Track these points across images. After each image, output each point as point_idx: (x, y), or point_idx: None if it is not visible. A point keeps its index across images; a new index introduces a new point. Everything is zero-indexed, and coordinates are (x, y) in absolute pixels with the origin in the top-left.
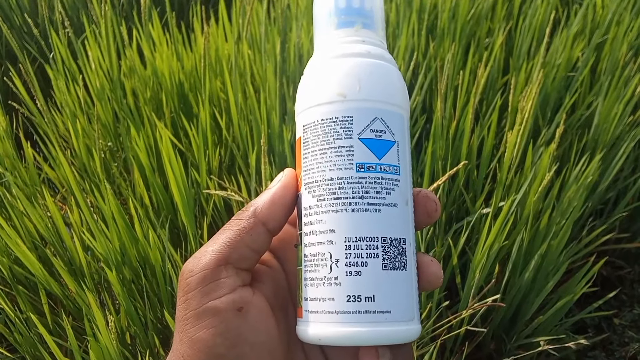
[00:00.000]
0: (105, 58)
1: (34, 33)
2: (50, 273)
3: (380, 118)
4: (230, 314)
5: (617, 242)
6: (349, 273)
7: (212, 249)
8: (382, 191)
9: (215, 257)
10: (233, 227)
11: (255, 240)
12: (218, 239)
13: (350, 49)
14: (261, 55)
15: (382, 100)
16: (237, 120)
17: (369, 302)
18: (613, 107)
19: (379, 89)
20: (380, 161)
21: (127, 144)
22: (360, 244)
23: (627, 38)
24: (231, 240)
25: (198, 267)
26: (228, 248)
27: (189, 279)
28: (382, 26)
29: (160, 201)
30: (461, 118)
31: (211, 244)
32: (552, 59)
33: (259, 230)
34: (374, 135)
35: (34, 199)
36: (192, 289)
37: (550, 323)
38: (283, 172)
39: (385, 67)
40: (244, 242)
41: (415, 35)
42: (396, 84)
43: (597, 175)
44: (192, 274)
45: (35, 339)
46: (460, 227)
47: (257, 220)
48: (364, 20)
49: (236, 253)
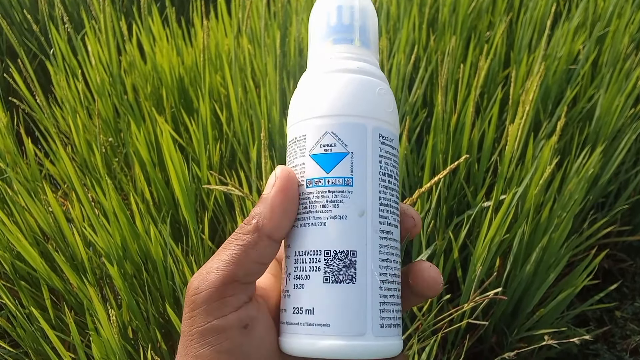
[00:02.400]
0: (105, 53)
1: (34, 29)
2: (52, 268)
3: (331, 132)
4: (235, 332)
5: (618, 234)
6: (295, 286)
7: (217, 266)
8: (329, 204)
9: (221, 275)
10: (237, 242)
11: (261, 254)
12: (223, 255)
13: (320, 66)
14: (261, 50)
15: (336, 114)
16: (238, 114)
17: (308, 314)
18: (614, 100)
19: (333, 102)
20: (329, 174)
21: (128, 139)
22: (305, 258)
23: (629, 30)
24: (237, 255)
25: (204, 285)
26: (234, 265)
27: (195, 297)
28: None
29: (161, 196)
30: (462, 111)
31: (216, 260)
32: (553, 52)
33: (264, 244)
34: (323, 150)
35: (35, 195)
36: (198, 307)
37: (551, 316)
38: (275, 173)
39: (347, 79)
40: (250, 257)
41: (416, 28)
42: (360, 94)
43: (598, 168)
44: (198, 291)
45: (38, 334)
46: (461, 220)
47: (261, 234)
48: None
49: (242, 270)
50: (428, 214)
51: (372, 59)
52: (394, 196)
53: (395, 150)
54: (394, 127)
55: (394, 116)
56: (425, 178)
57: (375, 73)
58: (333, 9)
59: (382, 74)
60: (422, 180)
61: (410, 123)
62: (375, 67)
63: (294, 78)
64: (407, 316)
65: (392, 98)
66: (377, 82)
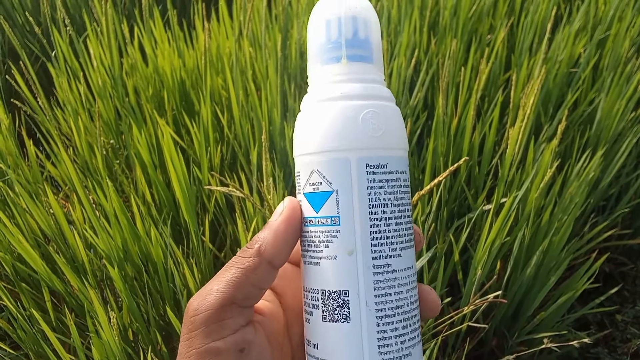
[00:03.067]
0: (106, 56)
1: (36, 31)
2: (53, 270)
3: (317, 170)
4: (232, 355)
5: (619, 238)
6: (305, 319)
7: (217, 288)
8: (320, 244)
9: (220, 297)
10: (238, 266)
11: (260, 279)
12: (223, 277)
13: (310, 94)
14: (262, 52)
15: (319, 151)
16: (239, 117)
17: (314, 348)
18: (615, 104)
19: (317, 138)
20: (318, 214)
21: (129, 141)
22: (308, 295)
23: (629, 34)
24: (236, 279)
25: (203, 306)
26: (233, 288)
27: (193, 318)
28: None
29: (162, 198)
30: (463, 114)
31: (216, 282)
32: (554, 55)
33: (264, 269)
34: (312, 188)
35: (37, 197)
36: (196, 328)
37: (552, 319)
38: (284, 203)
39: (328, 110)
40: (249, 281)
41: (417, 31)
42: (340, 125)
43: (599, 172)
44: (197, 312)
45: (38, 336)
46: (461, 223)
47: (262, 259)
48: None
49: (241, 293)
50: (429, 216)
51: (365, 75)
52: (393, 224)
53: (392, 175)
54: (389, 148)
55: (388, 137)
56: (426, 181)
57: (361, 94)
58: (322, 24)
59: (378, 87)
60: (422, 183)
61: (411, 126)
62: (364, 85)
63: (295, 80)
64: None
65: (383, 117)
66: (361, 106)
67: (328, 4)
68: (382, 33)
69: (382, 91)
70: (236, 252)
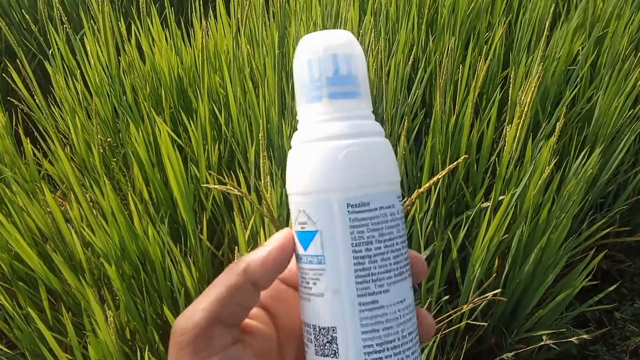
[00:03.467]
0: (104, 54)
1: (32, 29)
2: (50, 269)
3: (303, 210)
4: None
5: (617, 235)
6: (304, 350)
7: (202, 307)
8: (310, 282)
9: (206, 316)
10: (224, 284)
11: (244, 298)
12: (209, 296)
13: (298, 134)
14: (260, 50)
15: (305, 192)
16: (236, 115)
17: None
18: (613, 101)
19: (302, 179)
20: (306, 252)
21: (127, 139)
22: (304, 328)
23: (628, 32)
24: (221, 297)
25: (189, 325)
26: (219, 306)
27: (180, 337)
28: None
29: (159, 196)
30: (461, 112)
31: (202, 301)
32: (552, 53)
33: (247, 288)
34: (300, 227)
35: (34, 195)
36: (183, 347)
37: (550, 317)
38: (282, 232)
39: (312, 151)
40: (233, 299)
41: (415, 29)
42: (321, 166)
43: (597, 169)
44: (184, 332)
45: (35, 335)
46: (460, 221)
47: (247, 279)
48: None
49: (226, 311)
50: (427, 214)
51: (349, 112)
52: (378, 261)
53: (375, 212)
54: (371, 186)
55: (371, 174)
56: (424, 179)
57: (343, 133)
58: (304, 63)
59: (362, 122)
60: (420, 181)
61: (409, 124)
62: (348, 123)
63: (292, 78)
64: None
65: (365, 154)
66: (342, 146)
67: (308, 43)
68: (380, 31)
69: (366, 126)
70: (234, 250)
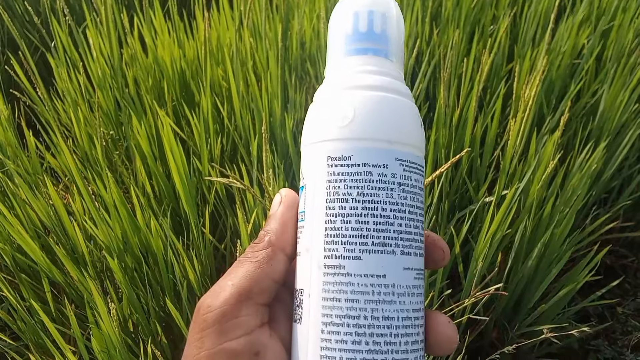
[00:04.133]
0: (106, 46)
1: (35, 21)
2: (53, 261)
3: (302, 163)
4: (246, 358)
5: (621, 230)
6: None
7: (231, 283)
8: (298, 239)
9: (236, 292)
10: (251, 260)
11: (275, 269)
12: (237, 272)
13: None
14: (263, 43)
15: (303, 145)
16: (239, 108)
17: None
18: (618, 95)
19: (303, 132)
20: (301, 209)
21: (129, 132)
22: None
23: (634, 25)
24: (251, 272)
25: (217, 302)
26: (249, 281)
27: (206, 315)
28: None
29: (162, 189)
30: (465, 106)
31: (229, 277)
32: (557, 46)
33: (278, 259)
34: (301, 182)
35: (36, 188)
36: (208, 326)
37: (553, 311)
38: (281, 193)
39: (316, 100)
40: (265, 273)
41: (419, 22)
42: (320, 115)
43: (601, 164)
44: (211, 309)
45: (38, 327)
46: (463, 215)
47: (275, 248)
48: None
49: (258, 286)
50: (430, 209)
51: (364, 66)
52: (352, 222)
53: (357, 168)
54: (357, 139)
55: (358, 126)
56: (428, 173)
57: (345, 84)
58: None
59: (367, 76)
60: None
61: None
62: (352, 75)
63: (295, 71)
64: None
65: (360, 106)
66: (339, 97)
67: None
68: None
69: (368, 79)
70: (236, 243)
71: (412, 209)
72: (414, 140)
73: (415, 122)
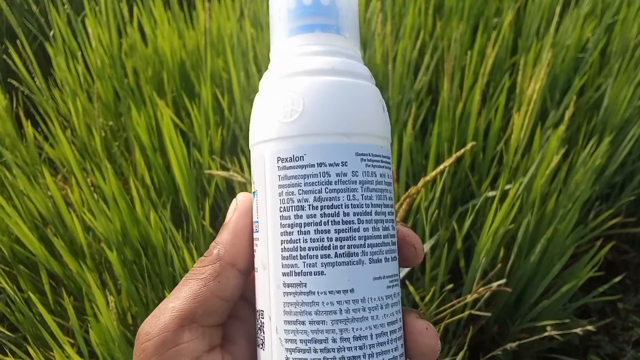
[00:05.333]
0: (105, 36)
1: (33, 10)
2: (51, 253)
3: (251, 165)
4: None
5: (623, 226)
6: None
7: (172, 305)
8: (255, 252)
9: (177, 316)
10: (197, 277)
11: (224, 287)
12: (180, 292)
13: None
14: (264, 33)
15: (250, 143)
16: (240, 99)
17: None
18: (623, 90)
19: (251, 129)
20: (254, 218)
21: (128, 123)
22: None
23: (638, 19)
24: (196, 291)
25: (156, 328)
26: (192, 303)
27: (145, 344)
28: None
29: (161, 181)
30: (468, 99)
31: (172, 298)
32: (561, 40)
33: (227, 274)
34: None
35: (34, 179)
36: (148, 357)
37: (554, 307)
38: (237, 198)
39: (260, 91)
40: (211, 291)
41: (422, 14)
42: (258, 115)
43: (605, 159)
44: (149, 337)
45: (36, 319)
46: (465, 210)
47: (224, 263)
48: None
49: (203, 307)
50: (432, 203)
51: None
52: (311, 232)
53: (311, 169)
54: (309, 135)
55: (310, 121)
56: (430, 166)
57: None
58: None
59: (313, 58)
60: (426, 169)
61: (415, 110)
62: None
63: None
64: (410, 305)
65: (307, 97)
66: (283, 87)
67: None
68: (386, 14)
69: (317, 62)
70: None
71: (379, 209)
72: (376, 129)
73: (376, 108)
